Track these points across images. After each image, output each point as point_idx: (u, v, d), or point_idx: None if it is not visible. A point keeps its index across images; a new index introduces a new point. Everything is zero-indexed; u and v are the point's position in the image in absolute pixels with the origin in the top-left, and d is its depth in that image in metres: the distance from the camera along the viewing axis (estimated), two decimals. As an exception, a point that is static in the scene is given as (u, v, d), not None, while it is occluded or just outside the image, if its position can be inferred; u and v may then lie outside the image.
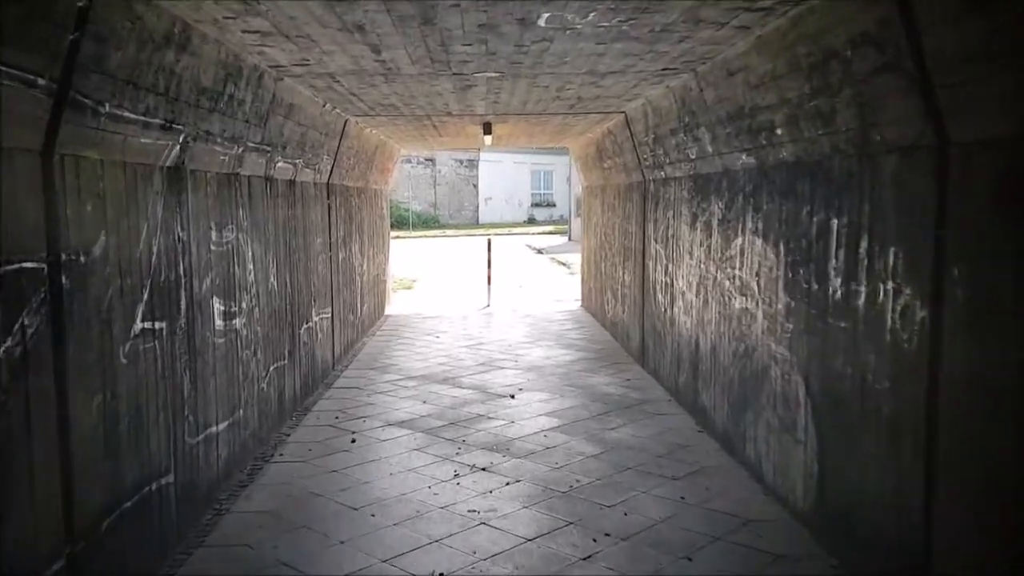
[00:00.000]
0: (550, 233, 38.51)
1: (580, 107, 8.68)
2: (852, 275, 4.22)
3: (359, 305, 11.39)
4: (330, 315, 9.30)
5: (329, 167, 9.07)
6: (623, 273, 10.82)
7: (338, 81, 6.75)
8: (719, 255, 6.53)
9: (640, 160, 9.23)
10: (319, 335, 8.69)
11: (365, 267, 12.11)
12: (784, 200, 5.18)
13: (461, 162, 44.08)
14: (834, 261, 4.43)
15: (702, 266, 7.01)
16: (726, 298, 6.35)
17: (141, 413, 4.17)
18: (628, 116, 9.15)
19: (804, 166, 4.83)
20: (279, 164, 6.92)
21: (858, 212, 4.14)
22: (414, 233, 37.45)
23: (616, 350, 10.68)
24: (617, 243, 11.27)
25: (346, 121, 9.19)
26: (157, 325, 4.38)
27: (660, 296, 8.64)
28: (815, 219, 4.69)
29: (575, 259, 24.80)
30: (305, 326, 8.05)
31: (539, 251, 29.58)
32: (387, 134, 11.59)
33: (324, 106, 7.96)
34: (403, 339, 11.64)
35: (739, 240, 6.05)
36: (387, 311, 14.32)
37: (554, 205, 46.42)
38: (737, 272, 6.08)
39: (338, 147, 9.20)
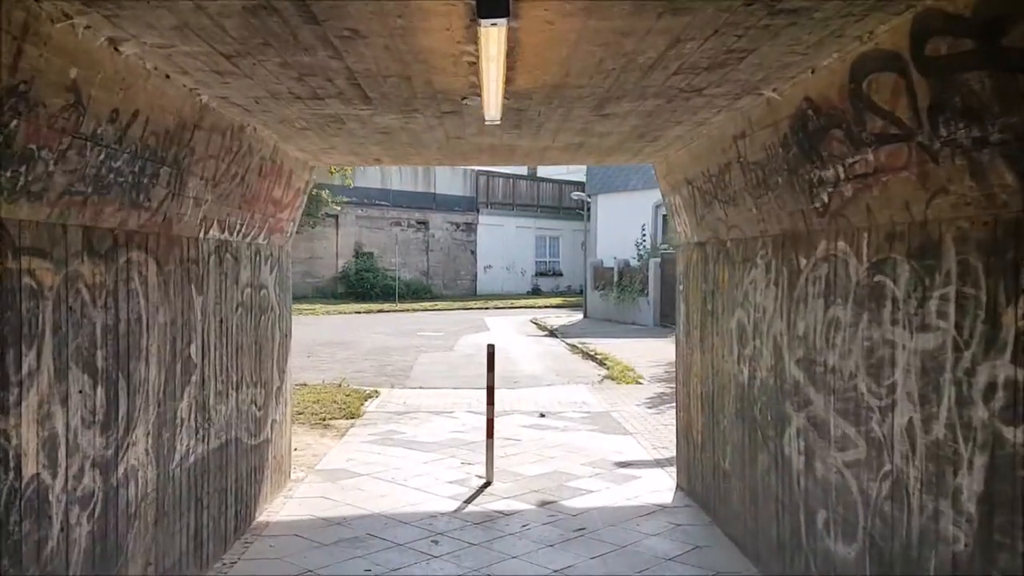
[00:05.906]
0: (559, 307, 30.63)
1: None
2: None
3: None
4: None
5: None
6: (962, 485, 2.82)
7: None
8: None
9: None
10: None
11: (142, 461, 4.09)
12: None
13: (457, 225, 36.20)
14: None
15: None
16: None
17: None
18: None
19: None
20: None
21: None
22: (400, 306, 29.30)
23: None
24: (905, 393, 3.27)
25: None
26: None
27: None
28: None
29: (604, 347, 16.64)
30: None
31: (551, 332, 21.50)
32: (206, 80, 3.71)
33: None
34: None
35: None
36: (266, 513, 6.18)
37: (561, 275, 38.45)
38: None
39: None
